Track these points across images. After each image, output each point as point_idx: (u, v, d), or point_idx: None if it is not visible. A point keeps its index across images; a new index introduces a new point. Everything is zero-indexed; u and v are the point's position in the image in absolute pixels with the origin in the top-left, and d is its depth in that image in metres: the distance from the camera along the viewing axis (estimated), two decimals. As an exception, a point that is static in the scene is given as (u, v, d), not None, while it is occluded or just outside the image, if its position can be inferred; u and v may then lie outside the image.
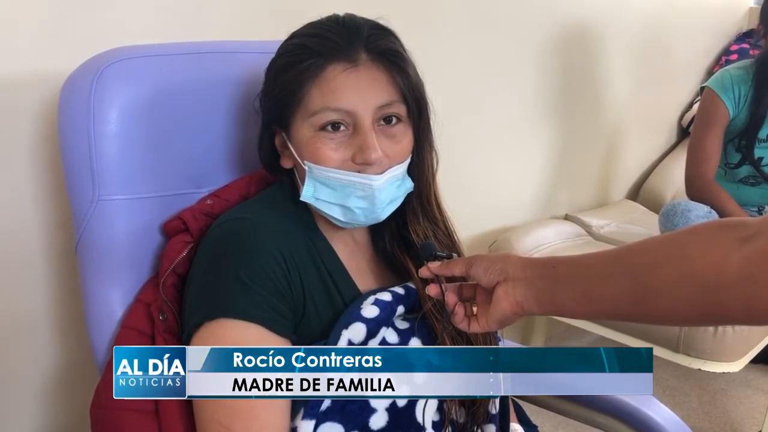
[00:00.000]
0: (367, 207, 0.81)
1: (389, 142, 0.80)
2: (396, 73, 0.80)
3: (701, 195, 1.84)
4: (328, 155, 0.79)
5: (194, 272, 0.80)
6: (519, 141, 2.02)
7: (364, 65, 0.79)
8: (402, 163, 0.82)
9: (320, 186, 0.81)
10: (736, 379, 2.15)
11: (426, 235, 0.88)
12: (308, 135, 0.80)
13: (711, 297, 0.60)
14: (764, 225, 0.58)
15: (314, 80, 0.78)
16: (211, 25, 1.19)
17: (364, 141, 0.78)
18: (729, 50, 2.77)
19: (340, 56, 0.78)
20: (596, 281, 0.67)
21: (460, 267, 0.75)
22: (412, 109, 0.82)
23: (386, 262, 0.92)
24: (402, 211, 0.88)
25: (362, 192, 0.80)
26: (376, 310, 0.81)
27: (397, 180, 0.83)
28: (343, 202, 0.81)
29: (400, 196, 0.85)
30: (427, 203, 0.89)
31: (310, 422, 0.75)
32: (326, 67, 0.78)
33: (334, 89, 0.78)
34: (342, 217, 0.82)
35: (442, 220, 0.90)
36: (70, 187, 0.86)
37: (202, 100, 0.92)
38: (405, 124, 0.82)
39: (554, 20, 2.00)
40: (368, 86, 0.78)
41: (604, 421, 1.00)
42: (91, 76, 0.84)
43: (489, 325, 0.75)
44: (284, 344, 0.76)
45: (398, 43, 0.82)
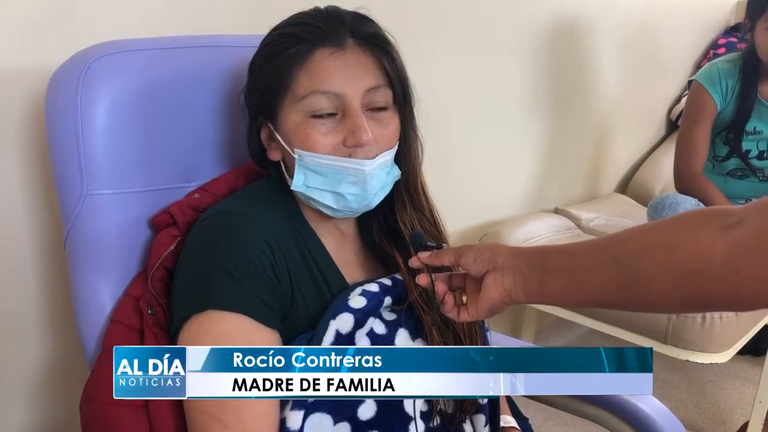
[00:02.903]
0: (359, 193, 0.81)
1: (378, 126, 0.81)
2: (382, 56, 0.81)
3: (689, 188, 1.86)
4: (318, 140, 0.79)
5: (181, 265, 0.81)
6: (509, 135, 2.02)
7: (351, 49, 0.80)
8: (391, 149, 0.83)
9: (311, 174, 0.81)
10: (725, 370, 2.17)
11: (413, 225, 0.88)
12: (297, 121, 0.80)
13: (696, 284, 0.60)
14: (747, 212, 0.59)
15: (302, 65, 0.79)
16: (200, 19, 1.18)
17: (355, 123, 0.78)
18: (717, 44, 2.78)
19: (327, 41, 0.79)
20: (584, 269, 0.68)
21: (449, 257, 0.76)
22: (398, 93, 0.83)
23: (374, 253, 0.92)
24: (389, 201, 0.88)
25: (354, 177, 0.80)
26: (364, 300, 0.81)
27: (387, 166, 0.83)
28: (335, 189, 0.81)
29: (390, 183, 0.85)
30: (414, 191, 0.89)
31: (299, 413, 0.76)
32: (314, 51, 0.79)
33: (322, 72, 0.78)
34: (334, 204, 0.82)
35: (428, 208, 0.91)
36: (58, 182, 0.86)
37: (190, 94, 0.92)
38: (392, 110, 0.83)
39: (544, 15, 2.01)
40: (355, 70, 0.79)
41: (593, 413, 1.01)
42: (78, 71, 0.83)
43: (478, 314, 0.75)
44: (272, 335, 0.77)
45: (381, 29, 0.83)
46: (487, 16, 1.81)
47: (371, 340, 0.81)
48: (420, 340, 0.85)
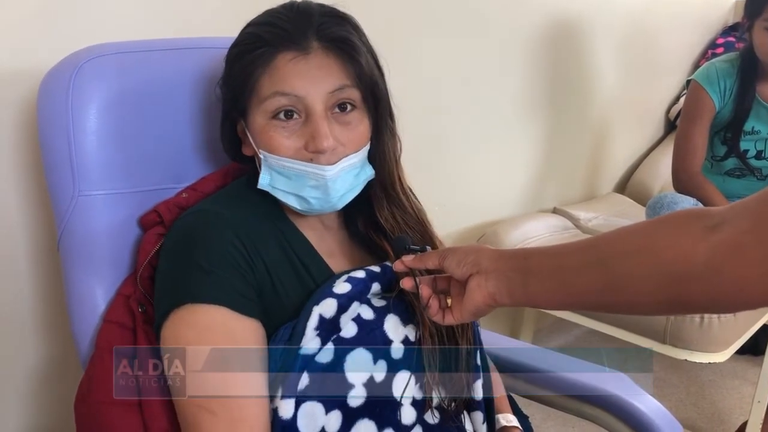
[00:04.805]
0: (321, 197, 0.81)
1: (343, 129, 0.81)
2: (347, 60, 0.80)
3: (688, 187, 1.85)
4: (280, 143, 0.79)
5: (159, 264, 0.82)
6: (507, 135, 2.02)
7: (314, 53, 0.79)
8: (359, 151, 0.82)
9: (276, 175, 0.81)
10: (724, 370, 2.16)
11: (395, 220, 0.88)
12: (261, 123, 0.80)
13: (679, 286, 0.60)
14: (729, 214, 0.59)
15: (265, 68, 0.79)
16: (193, 21, 1.18)
17: (316, 129, 0.78)
18: (715, 43, 2.78)
19: (291, 45, 0.78)
20: (567, 271, 0.68)
21: (433, 260, 0.76)
22: (367, 94, 0.82)
23: (361, 244, 0.92)
24: (370, 196, 0.88)
25: (315, 182, 0.80)
26: (348, 286, 0.81)
27: (355, 168, 0.83)
28: (298, 192, 0.81)
29: (360, 184, 0.85)
30: (392, 189, 0.89)
31: (289, 401, 0.76)
32: (276, 55, 0.78)
33: (283, 76, 0.78)
34: (298, 206, 0.83)
35: (410, 206, 0.90)
36: (51, 183, 0.86)
37: (181, 95, 0.92)
38: (360, 110, 0.82)
39: (541, 15, 2.00)
40: (318, 73, 0.79)
41: (592, 413, 1.00)
42: (69, 72, 0.84)
43: (463, 317, 0.75)
44: (252, 324, 0.77)
45: (351, 29, 0.82)
46: (485, 16, 1.81)
47: (358, 326, 0.81)
48: (411, 326, 0.85)
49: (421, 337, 0.83)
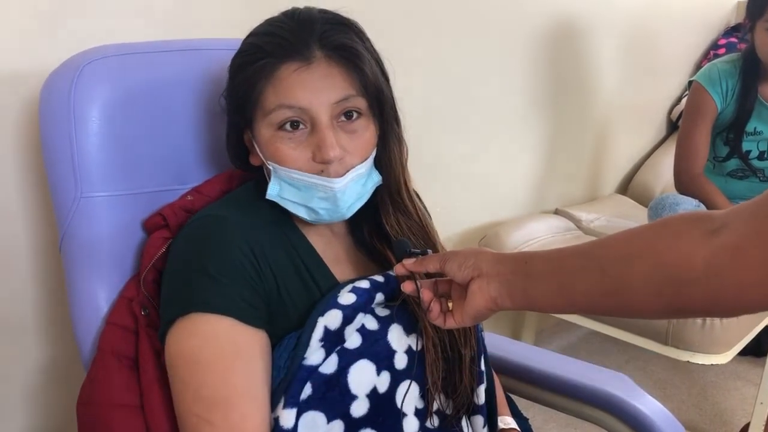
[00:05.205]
0: (330, 207, 0.81)
1: (349, 137, 0.80)
2: (351, 68, 0.79)
3: (690, 188, 1.85)
4: (287, 154, 0.79)
5: (167, 270, 0.81)
6: (509, 136, 2.02)
7: (317, 63, 0.78)
8: (365, 161, 0.82)
9: (286, 185, 0.81)
10: (726, 371, 2.16)
11: (399, 227, 0.88)
12: (268, 135, 0.80)
13: (678, 290, 0.60)
14: (729, 217, 0.59)
15: (268, 80, 0.78)
16: (195, 23, 1.18)
17: (321, 139, 0.78)
18: (717, 44, 2.78)
19: (293, 55, 0.77)
20: (568, 275, 0.67)
21: (434, 263, 0.76)
22: (372, 101, 0.82)
23: (366, 251, 0.92)
24: (376, 202, 0.88)
25: (324, 194, 0.80)
26: (353, 297, 0.81)
27: (362, 178, 0.83)
28: (307, 203, 0.81)
29: (368, 192, 0.85)
30: (398, 196, 0.88)
31: (291, 411, 0.75)
32: (279, 66, 0.77)
33: (287, 88, 0.77)
34: (307, 216, 0.83)
35: (415, 212, 0.90)
36: (53, 185, 0.86)
37: (184, 96, 0.92)
38: (366, 118, 0.82)
39: (544, 15, 2.00)
40: (322, 83, 0.78)
41: (593, 414, 1.00)
42: (71, 74, 0.84)
43: (464, 321, 0.75)
44: (257, 335, 0.76)
45: (355, 36, 0.81)
46: (487, 16, 1.81)
47: (362, 336, 0.81)
48: (414, 335, 0.84)
49: (425, 347, 0.83)
